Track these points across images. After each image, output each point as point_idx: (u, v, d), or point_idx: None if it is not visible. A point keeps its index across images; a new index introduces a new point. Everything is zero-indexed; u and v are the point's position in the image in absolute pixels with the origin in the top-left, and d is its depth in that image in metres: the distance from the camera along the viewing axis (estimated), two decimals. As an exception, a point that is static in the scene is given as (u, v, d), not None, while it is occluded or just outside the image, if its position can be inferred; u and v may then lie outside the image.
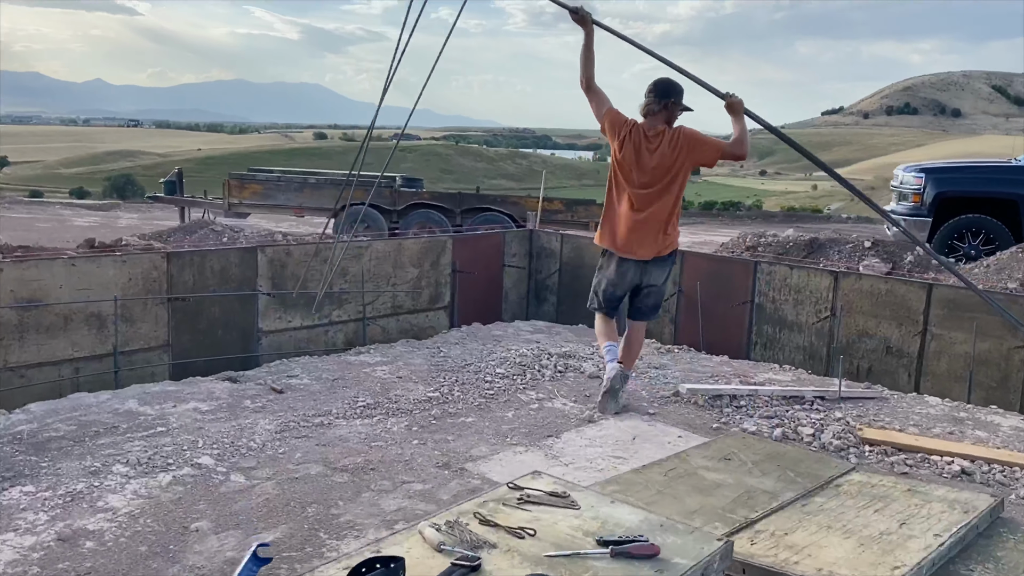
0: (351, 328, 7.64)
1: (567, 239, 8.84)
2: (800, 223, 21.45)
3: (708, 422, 5.35)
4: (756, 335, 7.59)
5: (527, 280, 9.20)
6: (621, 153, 5.16)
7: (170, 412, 5.12)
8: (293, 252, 7.11)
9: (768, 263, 7.55)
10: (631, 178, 5.17)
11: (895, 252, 8.89)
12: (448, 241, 8.33)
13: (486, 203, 12.10)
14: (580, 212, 11.61)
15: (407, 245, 7.98)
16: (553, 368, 6.32)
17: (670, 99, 5.16)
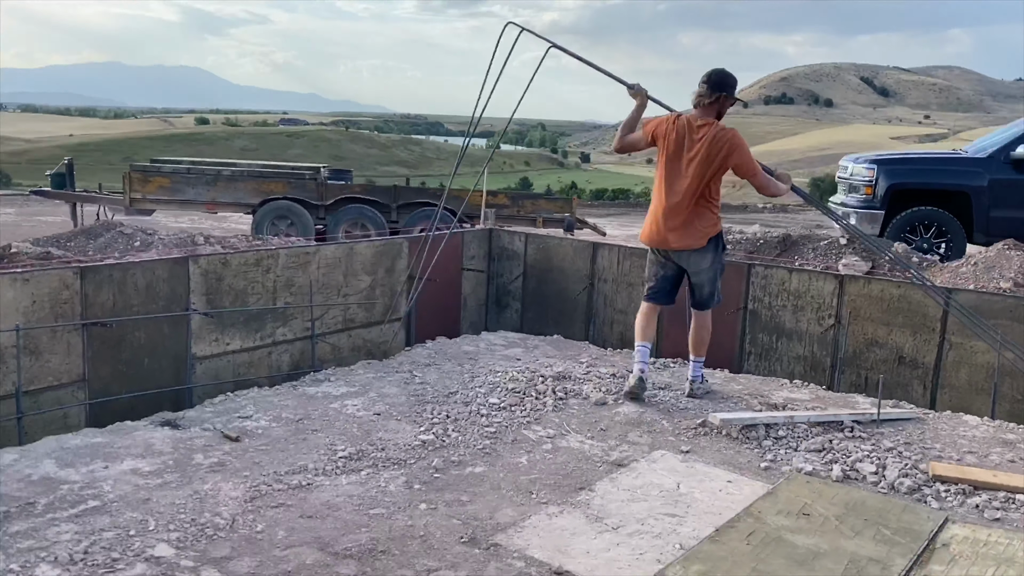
0: (298, 348, 6.58)
1: (532, 239, 7.99)
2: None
3: (753, 460, 4.62)
4: (750, 344, 6.93)
5: (486, 285, 8.30)
6: (668, 148, 5.23)
7: (102, 476, 4.02)
8: (231, 262, 5.99)
9: (764, 266, 6.91)
10: (674, 168, 5.23)
11: (872, 250, 8.42)
12: (404, 244, 7.35)
13: (424, 197, 11.04)
14: (527, 207, 10.76)
15: (360, 250, 6.96)
16: (552, 395, 5.47)
17: (722, 92, 5.23)
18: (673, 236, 5.30)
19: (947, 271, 7.86)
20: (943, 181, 10.76)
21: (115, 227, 7.99)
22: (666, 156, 5.26)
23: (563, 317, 7.88)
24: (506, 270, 8.21)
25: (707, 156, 5.14)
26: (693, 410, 5.32)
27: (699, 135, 5.15)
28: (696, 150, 5.15)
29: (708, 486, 4.25)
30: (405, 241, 7.38)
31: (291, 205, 10.92)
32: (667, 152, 5.26)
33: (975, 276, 7.56)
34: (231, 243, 8.30)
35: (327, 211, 11.01)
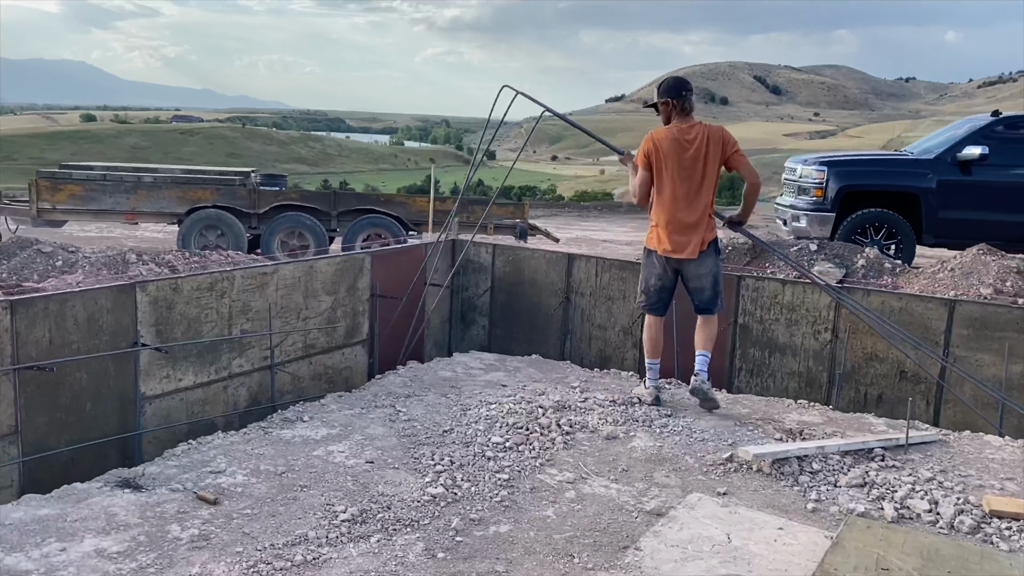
0: (256, 380, 5.88)
1: (501, 251, 7.46)
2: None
3: (796, 500, 4.22)
4: (741, 360, 6.59)
5: (450, 300, 7.73)
6: (666, 160, 5.23)
7: (60, 563, 3.30)
8: (182, 287, 5.26)
9: (755, 278, 6.56)
10: (683, 175, 5.21)
11: (844, 255, 8.24)
12: (366, 259, 6.71)
13: (367, 204, 10.30)
14: (477, 212, 10.16)
15: (320, 268, 6.29)
16: (558, 428, 4.96)
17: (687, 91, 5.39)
18: (692, 244, 5.25)
19: (924, 277, 7.71)
20: (893, 183, 10.72)
21: (31, 244, 7.05)
22: (668, 167, 5.24)
23: (536, 334, 7.38)
24: (472, 284, 7.66)
25: (714, 152, 5.21)
26: (712, 441, 4.90)
27: (692, 135, 5.21)
28: (700, 150, 5.19)
29: (760, 535, 3.82)
30: (367, 256, 6.74)
31: (221, 214, 10.04)
32: (668, 164, 5.24)
33: (953, 282, 7.42)
34: (166, 260, 7.47)
35: (260, 220, 10.14)
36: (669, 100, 5.33)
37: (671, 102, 5.32)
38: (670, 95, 5.33)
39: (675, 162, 5.21)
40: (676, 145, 5.21)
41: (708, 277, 5.36)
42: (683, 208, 5.24)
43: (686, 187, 5.23)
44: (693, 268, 5.33)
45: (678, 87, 5.39)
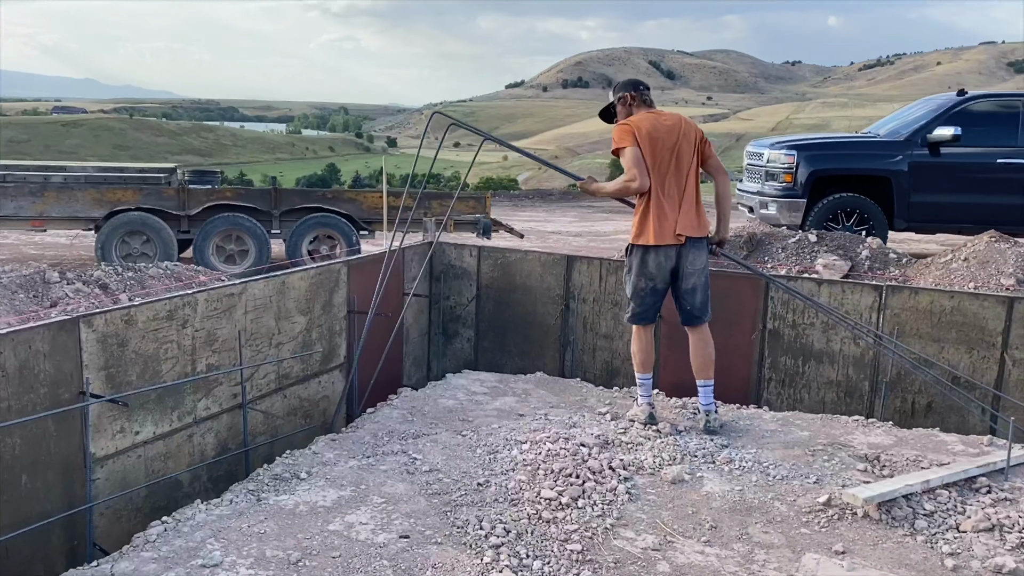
0: (225, 423, 4.86)
1: (488, 254, 6.58)
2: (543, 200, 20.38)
3: (927, 556, 3.53)
4: (770, 370, 5.91)
5: (428, 311, 6.81)
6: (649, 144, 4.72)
7: None
8: (136, 318, 4.20)
9: (787, 278, 5.88)
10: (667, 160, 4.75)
11: (847, 246, 7.68)
12: (343, 270, 5.73)
13: (313, 201, 9.17)
14: (435, 208, 9.19)
15: (293, 283, 5.29)
16: (614, 475, 4.14)
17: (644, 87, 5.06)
18: (691, 226, 4.75)
19: (935, 267, 7.21)
20: (865, 166, 10.29)
21: (-77, 263, 5.79)
22: (655, 149, 4.73)
23: (531, 346, 6.55)
24: (454, 292, 6.75)
25: (693, 137, 4.84)
26: (795, 479, 4.17)
27: (668, 119, 4.83)
28: (679, 136, 4.78)
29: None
30: (344, 267, 5.76)
31: (146, 217, 8.76)
32: (653, 146, 4.73)
33: (970, 273, 6.94)
34: (95, 277, 6.27)
35: (192, 222, 8.90)
36: (627, 95, 4.94)
37: (629, 96, 4.94)
38: (627, 90, 4.97)
39: (660, 143, 4.72)
40: (656, 127, 4.74)
41: (703, 274, 4.85)
42: (676, 189, 4.75)
43: (675, 168, 4.75)
44: (693, 259, 4.78)
45: (634, 82, 5.04)
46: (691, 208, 4.75)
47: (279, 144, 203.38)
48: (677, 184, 4.75)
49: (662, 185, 4.71)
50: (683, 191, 4.75)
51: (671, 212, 4.71)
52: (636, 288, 4.84)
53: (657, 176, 4.70)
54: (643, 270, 4.79)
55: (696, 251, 4.78)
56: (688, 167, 4.77)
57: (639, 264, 4.80)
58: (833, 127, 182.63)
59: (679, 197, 4.73)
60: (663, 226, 4.69)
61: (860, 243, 7.71)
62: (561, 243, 12.32)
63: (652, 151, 4.69)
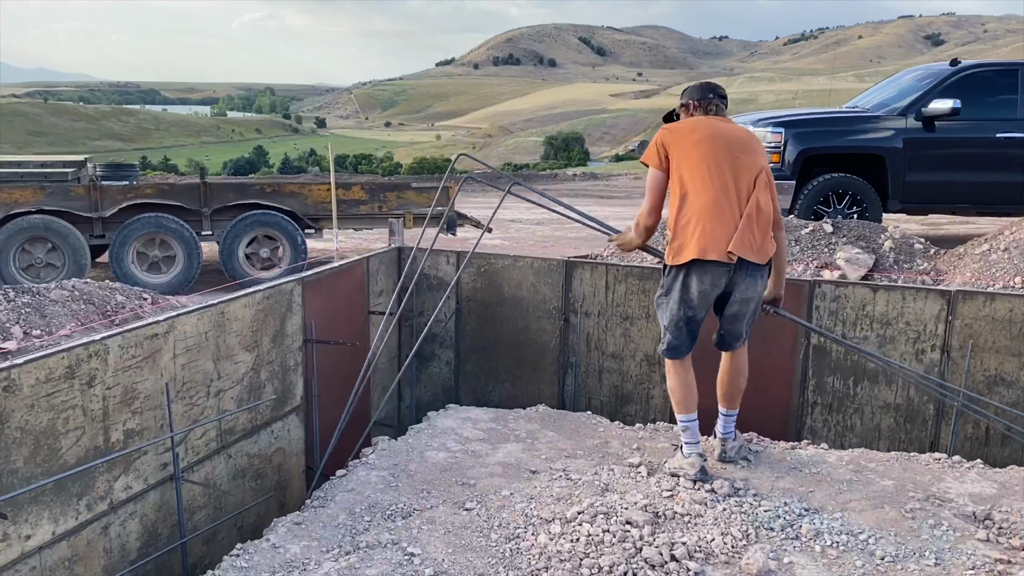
0: (152, 503, 3.71)
1: (469, 260, 5.48)
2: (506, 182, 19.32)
3: None
4: (815, 392, 4.98)
5: (398, 330, 5.71)
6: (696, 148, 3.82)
7: None
8: (21, 383, 3.03)
9: (835, 283, 4.92)
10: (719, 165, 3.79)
11: (868, 236, 6.80)
12: (296, 290, 4.58)
13: (249, 196, 7.88)
14: (391, 201, 7.99)
15: (235, 313, 4.13)
16: (678, 569, 3.13)
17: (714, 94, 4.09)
18: (750, 247, 3.75)
19: (971, 259, 6.38)
20: (857, 144, 9.48)
21: None
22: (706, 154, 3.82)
23: (523, 369, 5.51)
24: (430, 306, 5.65)
25: (757, 161, 3.89)
26: (909, 559, 3.23)
27: (737, 131, 3.94)
28: (745, 148, 3.88)
29: None
30: (297, 286, 4.61)
31: (50, 221, 7.35)
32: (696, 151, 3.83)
33: (1013, 265, 6.12)
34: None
35: (106, 226, 7.52)
36: (691, 102, 4.06)
37: (693, 103, 4.05)
38: (692, 96, 4.07)
39: (711, 145, 3.83)
40: (710, 128, 3.88)
41: (754, 303, 3.95)
42: (733, 200, 3.77)
43: (734, 177, 3.79)
44: (745, 286, 3.83)
45: (705, 87, 4.14)
46: (752, 227, 3.77)
47: (204, 127, 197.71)
48: (736, 195, 3.78)
49: (712, 190, 3.75)
50: (743, 205, 3.78)
51: (723, 224, 3.72)
52: (674, 318, 3.86)
53: (704, 181, 3.76)
54: (684, 296, 3.80)
55: (751, 278, 3.82)
56: (751, 183, 3.82)
57: (681, 289, 3.80)
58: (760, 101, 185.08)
59: (737, 210, 3.76)
60: (711, 237, 3.70)
61: (881, 233, 6.84)
62: (525, 234, 11.28)
63: (698, 153, 3.80)
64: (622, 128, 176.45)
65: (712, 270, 3.72)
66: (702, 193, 3.73)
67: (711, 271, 3.72)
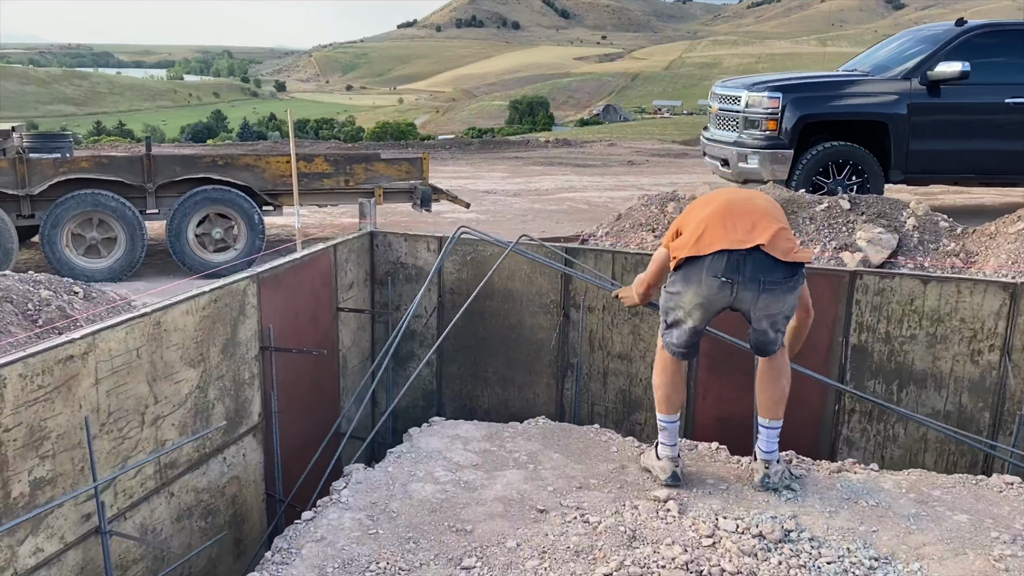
0: (71, 566, 2.98)
1: (453, 247, 4.75)
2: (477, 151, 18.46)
3: None
4: (853, 398, 4.35)
5: (370, 328, 4.97)
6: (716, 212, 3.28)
7: None
8: None
9: (879, 274, 4.27)
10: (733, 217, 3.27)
11: (888, 214, 6.16)
12: (251, 288, 3.83)
13: (199, 170, 7.00)
14: (358, 174, 7.15)
15: (174, 321, 3.37)
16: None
17: None
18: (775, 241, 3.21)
19: (1004, 238, 5.77)
20: (860, 110, 8.85)
21: None
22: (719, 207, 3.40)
23: (516, 371, 4.82)
24: (407, 299, 4.92)
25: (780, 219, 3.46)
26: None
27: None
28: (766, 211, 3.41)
29: None
30: (251, 283, 3.86)
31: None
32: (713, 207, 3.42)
33: (1053, 247, 5.52)
34: None
35: (36, 204, 6.59)
36: None
37: None
38: None
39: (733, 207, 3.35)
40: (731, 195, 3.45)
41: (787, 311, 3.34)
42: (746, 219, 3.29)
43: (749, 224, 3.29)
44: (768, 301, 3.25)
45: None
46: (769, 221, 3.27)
47: (160, 91, 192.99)
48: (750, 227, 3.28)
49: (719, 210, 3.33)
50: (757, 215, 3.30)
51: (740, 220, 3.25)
52: (675, 319, 3.38)
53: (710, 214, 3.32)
54: (678, 299, 3.32)
55: (768, 294, 3.21)
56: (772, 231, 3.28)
57: (676, 291, 3.32)
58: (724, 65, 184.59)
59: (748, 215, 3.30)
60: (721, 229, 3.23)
61: (903, 209, 6.21)
62: (501, 206, 10.53)
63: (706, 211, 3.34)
64: (587, 92, 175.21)
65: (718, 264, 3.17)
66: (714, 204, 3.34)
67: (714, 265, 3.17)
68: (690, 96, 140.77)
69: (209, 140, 62.87)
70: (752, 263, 3.15)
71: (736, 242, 3.16)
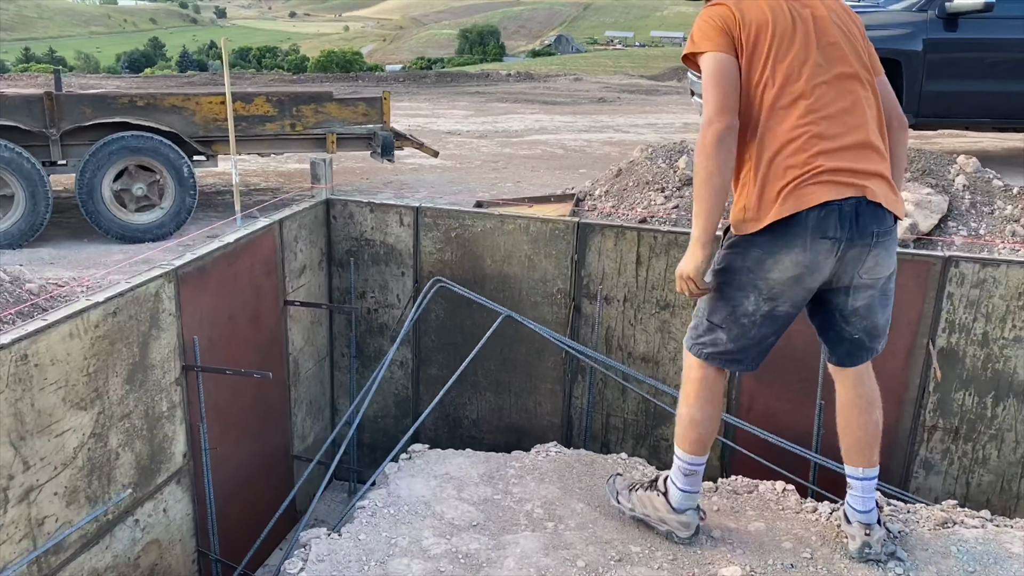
0: None
1: (437, 218, 3.73)
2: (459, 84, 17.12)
3: None
4: (935, 412, 3.52)
5: (328, 323, 3.97)
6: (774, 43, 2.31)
7: None
8: None
9: (979, 260, 3.38)
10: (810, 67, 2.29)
11: (934, 170, 5.28)
12: (164, 289, 2.79)
13: (113, 112, 5.68)
14: (307, 117, 5.98)
15: (49, 350, 2.34)
16: None
17: None
18: (885, 185, 2.31)
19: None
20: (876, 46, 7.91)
21: None
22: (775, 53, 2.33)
23: (512, 375, 3.87)
24: (375, 285, 3.91)
25: (856, 34, 2.44)
26: None
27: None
28: (837, 24, 2.40)
29: None
30: (166, 284, 2.82)
31: None
32: (774, 47, 2.33)
33: None
34: None
35: None
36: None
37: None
38: None
39: (792, 35, 2.35)
40: (784, 8, 2.39)
41: (890, 282, 2.46)
42: (840, 116, 2.31)
43: (837, 80, 2.33)
44: (876, 258, 2.35)
45: None
46: (871, 154, 2.31)
47: (93, 16, 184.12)
48: (843, 107, 2.31)
49: (805, 103, 2.29)
50: (855, 121, 2.31)
51: (831, 153, 2.27)
52: (736, 308, 2.41)
53: (791, 92, 2.30)
54: (759, 275, 2.34)
55: (881, 246, 2.33)
56: (862, 83, 2.37)
57: (755, 263, 2.34)
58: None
59: (847, 131, 2.29)
60: (813, 179, 2.24)
61: (949, 165, 5.33)
62: (467, 150, 9.44)
63: (777, 50, 2.33)
64: (538, 22, 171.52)
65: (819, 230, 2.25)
66: (784, 111, 2.29)
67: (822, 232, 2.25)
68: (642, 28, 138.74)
69: (147, 70, 59.68)
70: (867, 211, 2.27)
71: (846, 185, 2.24)
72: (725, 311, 2.42)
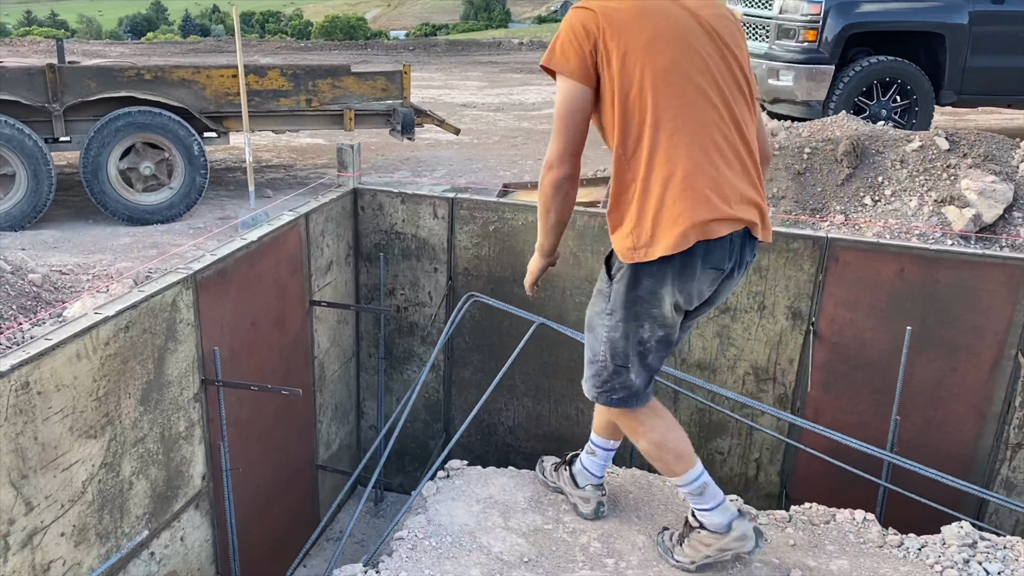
0: None
1: (473, 210, 3.42)
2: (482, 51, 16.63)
3: None
4: (1021, 429, 3.21)
5: (355, 323, 3.67)
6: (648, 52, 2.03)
7: None
8: None
9: None
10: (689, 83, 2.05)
11: (996, 155, 4.94)
12: (182, 296, 2.49)
13: (119, 86, 5.26)
14: (324, 92, 5.59)
15: (54, 375, 2.05)
16: None
17: None
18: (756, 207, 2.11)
19: None
20: (916, 19, 7.56)
21: None
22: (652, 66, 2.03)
23: (552, 380, 3.58)
24: (405, 282, 3.61)
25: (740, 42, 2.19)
26: None
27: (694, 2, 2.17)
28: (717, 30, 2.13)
29: None
30: (183, 288, 2.51)
31: None
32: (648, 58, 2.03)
33: None
34: None
35: None
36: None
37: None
38: None
39: (668, 41, 2.08)
40: (657, 10, 2.11)
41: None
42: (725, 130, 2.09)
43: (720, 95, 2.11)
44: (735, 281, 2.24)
45: None
46: (750, 172, 2.13)
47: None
48: (728, 123, 2.11)
49: (682, 124, 2.04)
50: (737, 139, 2.11)
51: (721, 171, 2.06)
52: (634, 340, 2.21)
53: (671, 110, 2.04)
54: (652, 304, 2.15)
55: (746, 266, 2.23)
56: (743, 94, 2.16)
57: (648, 293, 2.14)
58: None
59: (730, 148, 2.09)
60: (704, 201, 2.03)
61: (1011, 150, 4.99)
62: (483, 124, 9.08)
63: (652, 62, 2.05)
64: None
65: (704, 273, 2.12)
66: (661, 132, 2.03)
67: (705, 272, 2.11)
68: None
69: (148, 34, 58.86)
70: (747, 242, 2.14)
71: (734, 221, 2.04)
72: (626, 347, 2.21)
